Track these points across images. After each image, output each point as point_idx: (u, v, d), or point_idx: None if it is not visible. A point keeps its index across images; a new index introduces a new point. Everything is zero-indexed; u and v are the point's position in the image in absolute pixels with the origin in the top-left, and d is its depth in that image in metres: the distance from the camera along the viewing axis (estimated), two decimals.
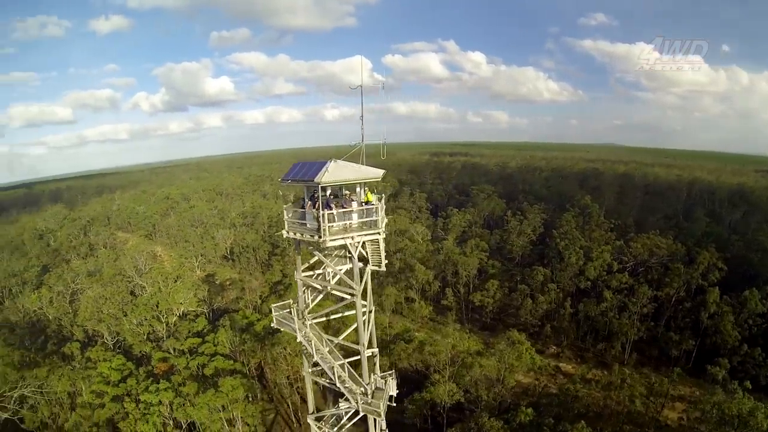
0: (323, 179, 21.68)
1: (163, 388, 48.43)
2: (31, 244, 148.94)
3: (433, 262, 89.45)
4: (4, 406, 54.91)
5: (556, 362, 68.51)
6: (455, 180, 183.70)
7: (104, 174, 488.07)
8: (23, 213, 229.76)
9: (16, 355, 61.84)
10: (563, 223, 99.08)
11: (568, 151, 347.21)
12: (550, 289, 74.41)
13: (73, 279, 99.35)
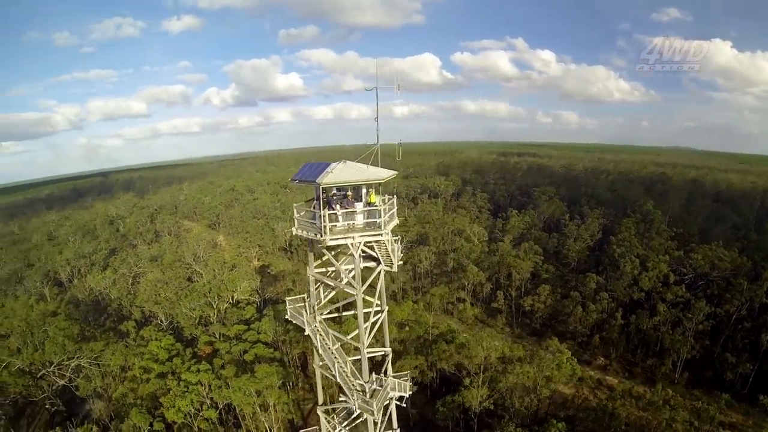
0: (324, 180, 23.60)
1: (203, 369, 53.22)
2: (102, 229, 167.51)
3: (487, 263, 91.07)
4: (62, 374, 63.81)
5: (602, 375, 68.68)
6: (519, 181, 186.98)
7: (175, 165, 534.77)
8: (98, 200, 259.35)
9: (76, 329, 70.27)
10: (622, 229, 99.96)
11: (637, 154, 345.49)
12: (602, 297, 74.50)
13: (136, 263, 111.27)
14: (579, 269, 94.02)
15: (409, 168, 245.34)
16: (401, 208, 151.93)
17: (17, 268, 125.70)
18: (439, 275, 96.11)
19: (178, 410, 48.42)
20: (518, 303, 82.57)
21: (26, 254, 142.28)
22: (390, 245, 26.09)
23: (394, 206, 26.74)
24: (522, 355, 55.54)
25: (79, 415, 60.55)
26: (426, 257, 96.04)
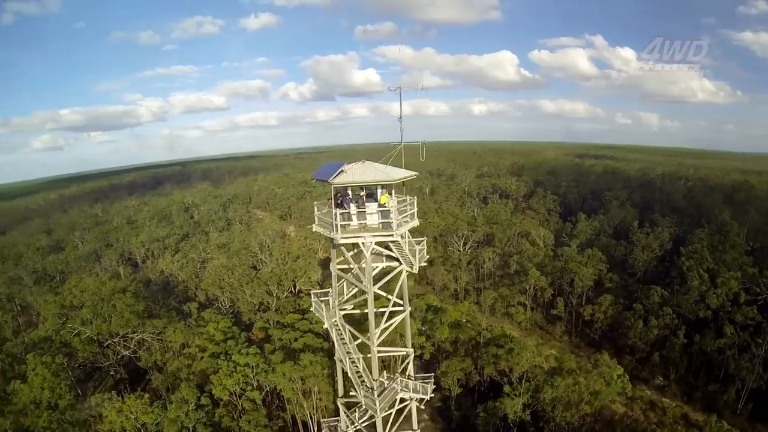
0: (335, 180, 25.35)
1: (252, 353, 57.63)
2: (177, 215, 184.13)
3: (551, 268, 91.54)
4: (127, 345, 72.17)
5: (658, 396, 67.81)
6: (592, 184, 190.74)
7: (252, 157, 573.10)
8: (176, 188, 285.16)
9: (142, 306, 78.08)
10: (694, 240, 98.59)
11: (721, 160, 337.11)
12: (666, 313, 73.04)
13: (205, 249, 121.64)
14: (645, 280, 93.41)
15: (483, 167, 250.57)
16: (471, 207, 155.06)
17: (97, 248, 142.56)
18: (501, 277, 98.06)
19: (224, 388, 52.94)
20: (578, 311, 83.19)
21: (106, 235, 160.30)
22: (407, 247, 27.22)
23: (414, 207, 27.68)
24: (572, 366, 54.80)
25: (139, 384, 68.01)
26: (490, 258, 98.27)
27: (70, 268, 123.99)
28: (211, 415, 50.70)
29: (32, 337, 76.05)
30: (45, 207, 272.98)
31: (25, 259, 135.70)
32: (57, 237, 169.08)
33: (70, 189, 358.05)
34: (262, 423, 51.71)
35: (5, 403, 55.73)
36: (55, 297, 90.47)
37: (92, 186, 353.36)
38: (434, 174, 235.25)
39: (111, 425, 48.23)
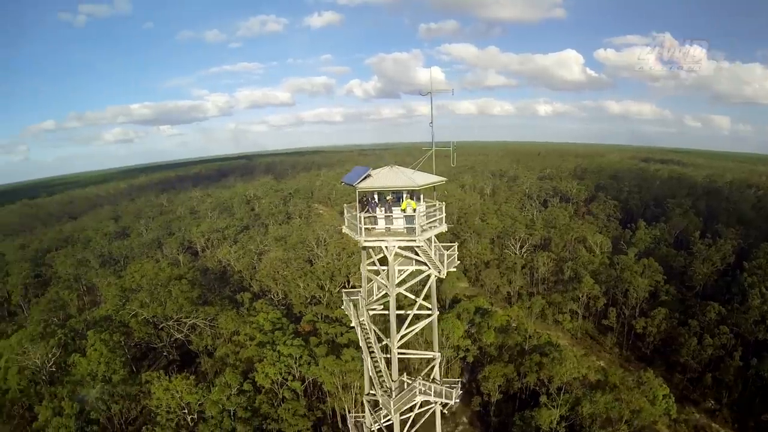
0: (360, 185, 26.28)
1: (296, 344, 59.95)
2: (238, 207, 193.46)
3: (605, 276, 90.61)
4: (180, 329, 77.26)
5: (707, 420, 66.04)
6: (655, 190, 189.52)
7: (316, 152, 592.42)
8: (239, 180, 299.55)
9: (196, 293, 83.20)
10: (759, 255, 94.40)
11: None
12: (722, 331, 70.38)
13: (262, 241, 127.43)
14: (703, 295, 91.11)
15: (546, 169, 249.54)
16: (530, 210, 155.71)
17: (160, 236, 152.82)
18: (555, 283, 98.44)
19: (266, 376, 55.48)
20: (631, 323, 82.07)
21: (169, 224, 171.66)
22: (434, 252, 27.71)
23: (442, 213, 28.09)
24: (616, 382, 53.41)
25: (190, 366, 72.46)
26: (544, 263, 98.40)
27: (133, 253, 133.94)
28: (251, 401, 53.26)
29: (94, 316, 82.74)
30: (114, 195, 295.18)
31: (94, 243, 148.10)
32: (124, 224, 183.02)
33: (138, 179, 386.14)
34: (300, 413, 53.61)
35: (65, 373, 61.66)
36: (117, 280, 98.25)
37: (159, 177, 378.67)
38: (496, 175, 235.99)
39: (158, 401, 52.05)
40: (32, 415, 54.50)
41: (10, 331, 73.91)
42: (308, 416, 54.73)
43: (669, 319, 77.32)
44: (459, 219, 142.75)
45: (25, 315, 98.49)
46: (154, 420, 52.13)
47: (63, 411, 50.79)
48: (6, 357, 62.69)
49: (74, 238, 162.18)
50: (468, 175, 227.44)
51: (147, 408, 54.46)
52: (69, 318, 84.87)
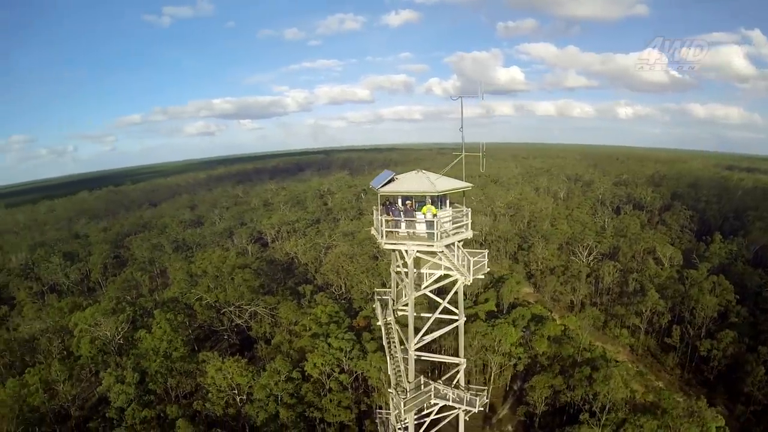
0: (381, 189, 28.00)
1: (347, 338, 63.01)
2: (311, 201, 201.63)
3: (672, 291, 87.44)
4: (241, 315, 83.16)
5: None
6: (737, 201, 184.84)
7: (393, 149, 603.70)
8: (315, 174, 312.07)
9: (258, 282, 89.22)
10: None
11: None
12: None
13: (331, 235, 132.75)
14: None
15: (623, 174, 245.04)
16: (602, 216, 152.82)
17: (232, 225, 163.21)
18: (619, 294, 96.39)
19: (314, 366, 58.97)
20: (695, 344, 78.45)
21: (242, 215, 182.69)
22: (461, 257, 28.61)
23: (468, 219, 29.10)
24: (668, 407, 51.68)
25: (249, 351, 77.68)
26: (610, 273, 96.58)
27: (205, 241, 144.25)
28: (298, 389, 56.85)
29: (162, 297, 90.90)
30: (193, 185, 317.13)
31: (170, 230, 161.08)
32: (199, 213, 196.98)
33: (217, 170, 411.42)
34: (344, 404, 56.50)
35: (131, 346, 68.86)
36: (186, 265, 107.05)
37: (238, 169, 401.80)
38: (571, 179, 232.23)
39: (211, 380, 56.99)
40: (98, 380, 61.48)
41: (86, 304, 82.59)
42: (352, 409, 57.39)
43: (737, 343, 74.24)
44: (529, 222, 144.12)
45: (103, 291, 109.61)
46: (205, 396, 57.14)
47: (125, 379, 57.02)
48: (80, 327, 70.72)
49: (152, 224, 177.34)
50: (544, 178, 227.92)
51: (201, 385, 59.47)
52: (140, 297, 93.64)
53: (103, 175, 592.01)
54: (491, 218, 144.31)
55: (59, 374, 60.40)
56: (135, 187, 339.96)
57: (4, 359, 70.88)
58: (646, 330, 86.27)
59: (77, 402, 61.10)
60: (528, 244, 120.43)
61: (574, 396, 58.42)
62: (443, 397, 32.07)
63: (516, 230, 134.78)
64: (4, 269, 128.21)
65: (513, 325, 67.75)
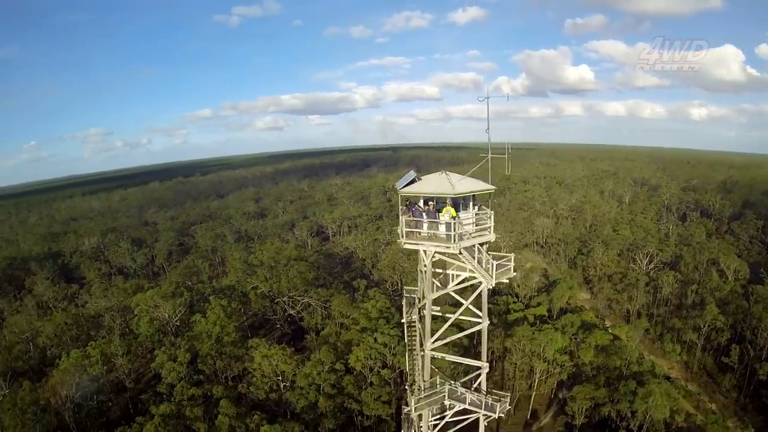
0: (402, 190, 29.23)
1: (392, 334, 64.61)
2: (375, 197, 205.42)
3: (734, 307, 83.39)
4: (293, 306, 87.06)
5: None
6: None
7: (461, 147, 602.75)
8: (381, 171, 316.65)
9: (312, 275, 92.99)
10: None
11: None
12: None
13: (391, 232, 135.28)
14: None
15: (692, 179, 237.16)
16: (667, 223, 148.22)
17: (294, 218, 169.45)
18: (678, 307, 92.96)
19: (357, 360, 61.33)
20: (755, 366, 73.70)
21: (305, 209, 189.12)
22: (484, 260, 29.01)
23: (491, 222, 29.38)
24: None
25: (300, 341, 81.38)
26: (669, 283, 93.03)
27: (267, 232, 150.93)
28: (340, 380, 59.33)
29: (220, 284, 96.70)
30: (260, 178, 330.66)
31: (234, 220, 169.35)
32: (263, 205, 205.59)
33: (284, 164, 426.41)
34: (384, 399, 58.35)
35: (186, 329, 74.15)
36: (245, 255, 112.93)
37: (305, 163, 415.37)
38: (638, 182, 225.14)
39: (258, 365, 60.61)
40: (153, 357, 66.87)
41: (147, 287, 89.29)
42: (391, 404, 59.12)
43: None
44: (591, 226, 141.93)
45: (165, 276, 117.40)
46: (250, 380, 60.84)
47: (177, 358, 61.76)
48: (141, 307, 76.74)
49: (217, 214, 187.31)
50: (609, 181, 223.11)
51: (248, 369, 63.28)
52: (199, 283, 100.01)
53: (174, 167, 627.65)
54: (553, 221, 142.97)
55: (118, 349, 66.71)
56: (203, 179, 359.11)
57: (71, 332, 78.64)
58: (703, 347, 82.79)
59: (132, 375, 67.56)
60: (588, 248, 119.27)
61: (615, 410, 57.49)
62: (459, 399, 32.78)
63: (577, 234, 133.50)
64: (77, 251, 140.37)
65: (561, 332, 67.33)
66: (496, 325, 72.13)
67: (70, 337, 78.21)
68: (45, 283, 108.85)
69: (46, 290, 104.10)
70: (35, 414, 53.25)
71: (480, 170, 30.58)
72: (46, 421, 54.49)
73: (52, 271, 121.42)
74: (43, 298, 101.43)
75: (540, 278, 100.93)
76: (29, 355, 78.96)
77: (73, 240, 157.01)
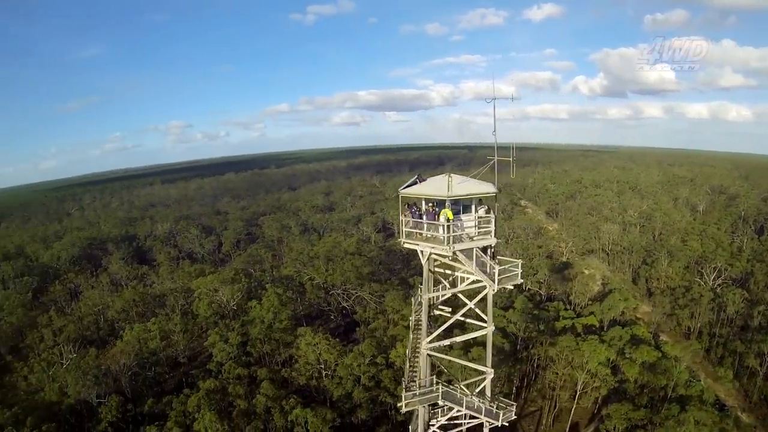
0: (403, 192, 30.54)
1: None
2: None
3: None
4: (347, 298, 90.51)
5: None
6: None
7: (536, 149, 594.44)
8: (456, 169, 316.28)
9: (367, 269, 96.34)
10: None
11: None
12: None
13: None
14: None
15: None
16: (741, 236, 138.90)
17: (361, 213, 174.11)
18: (741, 328, 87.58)
19: (398, 355, 63.52)
20: None
21: (374, 204, 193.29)
22: (487, 264, 29.59)
23: (491, 225, 30.00)
24: None
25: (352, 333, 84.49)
26: (734, 301, 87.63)
27: (332, 226, 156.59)
28: (378, 373, 61.78)
29: (279, 273, 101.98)
30: (332, 172, 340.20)
31: (302, 213, 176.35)
32: (333, 199, 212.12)
33: (358, 160, 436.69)
34: None
35: (242, 313, 79.57)
36: (306, 247, 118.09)
37: (379, 159, 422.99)
38: (715, 190, 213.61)
39: (302, 352, 64.41)
40: (207, 337, 72.23)
41: (208, 272, 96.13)
42: None
43: None
44: (659, 235, 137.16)
45: (230, 263, 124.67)
46: (293, 366, 65.01)
47: (228, 339, 66.74)
48: (201, 291, 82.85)
49: (287, 206, 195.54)
50: (685, 188, 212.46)
51: (294, 356, 67.19)
52: (261, 272, 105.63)
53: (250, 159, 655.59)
54: (620, 227, 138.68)
55: (176, 326, 73.43)
56: (278, 171, 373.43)
57: (138, 308, 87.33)
58: (766, 374, 77.06)
59: (187, 352, 74.02)
60: (652, 258, 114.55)
61: None
62: (455, 402, 33.69)
63: (643, 242, 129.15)
64: (151, 235, 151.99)
65: (608, 344, 66.00)
66: (543, 332, 72.32)
67: (137, 313, 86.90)
68: (119, 263, 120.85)
69: (120, 269, 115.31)
70: (96, 377, 60.55)
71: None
72: (105, 384, 61.49)
73: (126, 252, 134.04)
74: (116, 276, 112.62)
75: (600, 286, 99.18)
76: (99, 326, 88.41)
77: (148, 225, 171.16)
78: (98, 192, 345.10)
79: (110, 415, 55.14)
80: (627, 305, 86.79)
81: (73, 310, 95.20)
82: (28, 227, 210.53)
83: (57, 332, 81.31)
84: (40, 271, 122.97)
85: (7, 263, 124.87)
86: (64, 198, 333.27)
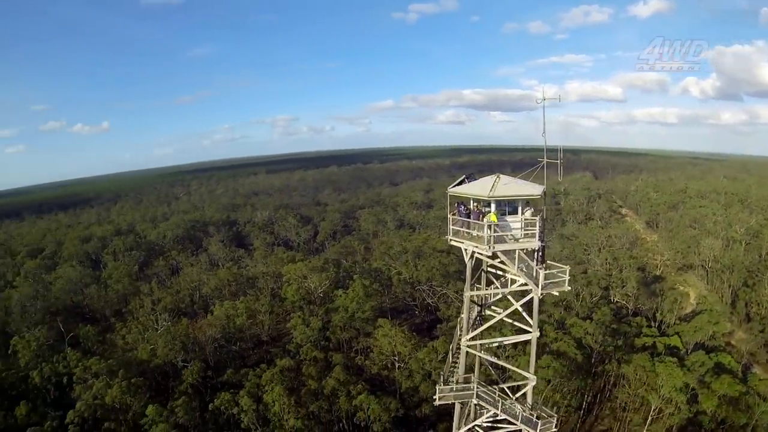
0: (451, 191, 30.89)
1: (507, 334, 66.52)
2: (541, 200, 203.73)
3: None
4: (432, 295, 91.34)
5: None
6: None
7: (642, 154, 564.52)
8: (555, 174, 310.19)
9: (453, 267, 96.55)
10: None
11: None
12: None
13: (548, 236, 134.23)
14: None
15: None
16: None
17: None
18: None
19: None
20: None
21: None
22: (514, 265, 28.86)
23: (536, 228, 29.34)
24: None
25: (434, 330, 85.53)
26: None
27: (427, 222, 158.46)
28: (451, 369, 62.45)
29: (369, 265, 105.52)
30: (435, 170, 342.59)
31: (399, 208, 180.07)
32: (432, 196, 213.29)
33: (462, 158, 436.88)
34: None
35: (327, 300, 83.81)
36: (398, 242, 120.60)
37: (483, 159, 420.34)
38: None
39: (378, 342, 66.51)
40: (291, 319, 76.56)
41: (298, 259, 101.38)
42: None
43: None
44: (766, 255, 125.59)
45: (325, 252, 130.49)
46: (369, 355, 67.71)
47: (310, 324, 70.17)
48: (290, 276, 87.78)
49: (385, 201, 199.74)
50: None
51: (371, 345, 69.51)
52: (353, 263, 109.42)
53: (354, 153, 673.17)
54: (723, 243, 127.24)
55: (262, 307, 79.20)
56: (380, 167, 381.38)
57: (230, 288, 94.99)
58: None
59: (271, 332, 79.71)
60: (754, 280, 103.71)
61: None
62: (490, 403, 33.41)
63: (747, 261, 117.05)
64: (250, 221, 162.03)
65: (687, 369, 61.07)
66: (619, 347, 69.45)
67: (229, 292, 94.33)
68: (218, 245, 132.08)
69: (218, 251, 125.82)
70: (183, 344, 67.81)
71: None
72: (192, 351, 68.40)
73: (226, 235, 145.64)
74: (214, 257, 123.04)
75: (694, 305, 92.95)
76: (193, 300, 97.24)
77: (249, 211, 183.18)
78: (205, 179, 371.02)
79: (191, 378, 61.08)
80: (718, 329, 79.06)
81: (172, 284, 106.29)
82: (140, 208, 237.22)
83: (156, 302, 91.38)
84: (147, 247, 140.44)
85: (119, 238, 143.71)
86: (173, 183, 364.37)
